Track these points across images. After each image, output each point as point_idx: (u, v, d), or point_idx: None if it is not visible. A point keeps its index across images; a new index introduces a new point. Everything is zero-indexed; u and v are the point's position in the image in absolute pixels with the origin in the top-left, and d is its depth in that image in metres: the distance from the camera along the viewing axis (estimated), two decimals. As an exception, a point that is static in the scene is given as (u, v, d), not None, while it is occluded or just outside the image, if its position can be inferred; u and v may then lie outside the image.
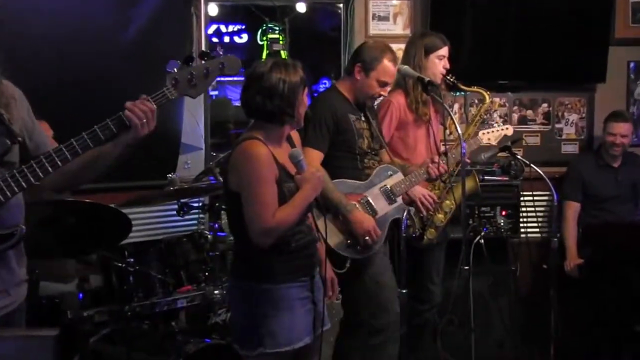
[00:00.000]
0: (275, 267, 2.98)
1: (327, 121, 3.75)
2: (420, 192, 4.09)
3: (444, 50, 4.24)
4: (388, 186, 3.89)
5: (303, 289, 3.05)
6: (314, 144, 3.73)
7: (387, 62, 3.82)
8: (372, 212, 3.80)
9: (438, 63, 4.21)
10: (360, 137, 3.86)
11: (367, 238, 3.70)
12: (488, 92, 4.39)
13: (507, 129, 4.35)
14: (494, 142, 4.30)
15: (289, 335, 2.99)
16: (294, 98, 2.96)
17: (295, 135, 3.22)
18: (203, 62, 2.66)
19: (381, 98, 4.07)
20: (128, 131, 2.51)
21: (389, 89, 3.96)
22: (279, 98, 2.92)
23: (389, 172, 3.92)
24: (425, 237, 4.20)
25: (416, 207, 4.08)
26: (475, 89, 4.33)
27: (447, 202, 4.24)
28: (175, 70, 2.63)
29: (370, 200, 3.83)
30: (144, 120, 2.50)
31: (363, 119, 3.94)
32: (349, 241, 3.72)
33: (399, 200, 3.92)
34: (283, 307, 2.98)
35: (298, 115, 3.02)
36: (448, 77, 4.24)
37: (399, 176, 3.94)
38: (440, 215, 4.23)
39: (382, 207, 3.86)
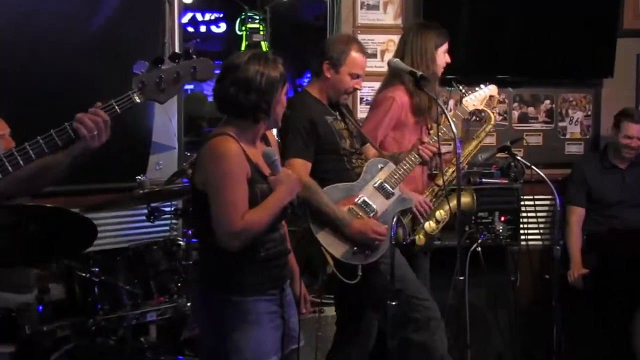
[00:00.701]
0: (243, 277, 2.98)
1: (305, 127, 3.78)
2: (417, 198, 4.12)
3: (447, 44, 4.29)
4: (382, 179, 3.93)
5: (272, 303, 3.05)
6: (298, 154, 3.76)
7: (355, 54, 3.87)
8: (371, 211, 3.84)
9: (443, 57, 4.26)
10: (342, 137, 3.90)
11: (376, 243, 3.78)
12: (494, 112, 4.42)
13: (490, 89, 4.33)
14: (480, 106, 4.29)
15: (256, 351, 2.99)
16: (271, 94, 2.97)
17: (271, 137, 3.23)
18: (174, 64, 2.68)
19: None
20: (79, 141, 2.52)
21: (362, 81, 3.98)
22: (254, 92, 2.93)
23: (379, 165, 3.96)
24: (416, 243, 4.21)
25: (412, 214, 4.11)
26: (482, 107, 4.33)
27: (441, 211, 4.26)
28: (143, 72, 2.63)
29: (367, 200, 3.86)
30: (95, 133, 2.50)
31: (339, 118, 3.98)
32: (355, 248, 3.77)
33: (397, 191, 3.96)
34: (250, 321, 2.97)
35: (274, 113, 3.03)
36: (459, 88, 4.28)
37: (390, 167, 3.98)
38: (432, 224, 4.26)
39: (380, 204, 3.89)
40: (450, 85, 4.41)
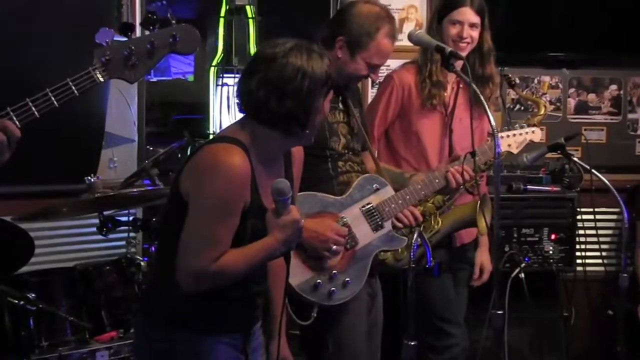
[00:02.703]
0: (200, 312, 2.96)
1: None
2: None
3: (461, 13, 4.25)
4: (373, 205, 3.87)
5: (233, 349, 3.04)
6: None
7: (383, 39, 3.80)
8: (352, 240, 3.80)
9: (450, 29, 4.24)
10: (334, 133, 3.86)
11: (334, 248, 3.67)
12: (545, 103, 4.42)
13: (533, 132, 4.30)
14: (514, 150, 4.29)
15: None
16: (313, 101, 2.89)
17: (297, 154, 3.17)
18: (148, 32, 2.67)
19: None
20: None
21: (379, 71, 3.93)
22: (291, 98, 2.85)
23: (375, 185, 3.90)
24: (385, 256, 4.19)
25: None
26: (529, 95, 4.31)
27: (432, 222, 4.17)
28: (108, 42, 2.62)
29: (349, 223, 3.83)
30: None
31: (341, 107, 3.96)
32: (318, 281, 3.73)
33: (387, 225, 3.90)
34: None
35: (312, 126, 2.95)
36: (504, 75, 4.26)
37: (388, 191, 3.92)
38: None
39: (363, 233, 3.84)
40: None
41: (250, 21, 5.76)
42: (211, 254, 2.80)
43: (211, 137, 5.20)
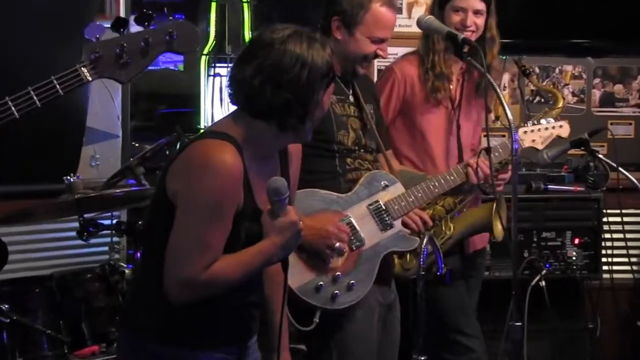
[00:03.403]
0: (190, 323, 2.93)
1: None
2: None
3: None
4: (381, 202, 3.90)
5: None
6: None
7: (378, 9, 3.82)
8: (357, 240, 3.81)
9: (452, 17, 4.23)
10: (342, 126, 3.87)
11: (337, 245, 3.68)
12: (563, 95, 4.41)
13: (561, 127, 4.30)
14: (540, 146, 4.30)
15: None
16: (312, 93, 2.87)
17: (295, 152, 3.15)
18: (142, 28, 2.69)
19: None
20: None
21: (386, 47, 3.93)
22: (289, 88, 2.83)
23: (383, 182, 3.91)
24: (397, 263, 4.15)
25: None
26: (545, 85, 4.31)
27: (443, 228, 4.20)
28: (98, 38, 2.63)
29: (354, 223, 3.84)
30: None
31: (351, 100, 3.97)
32: (320, 283, 3.74)
33: (397, 224, 3.92)
34: None
35: (311, 121, 2.94)
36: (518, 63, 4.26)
37: (398, 189, 3.94)
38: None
39: (370, 233, 3.85)
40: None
41: (245, 5, 5.75)
42: (202, 261, 2.78)
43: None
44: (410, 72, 4.27)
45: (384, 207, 3.89)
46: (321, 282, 3.72)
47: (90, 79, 2.63)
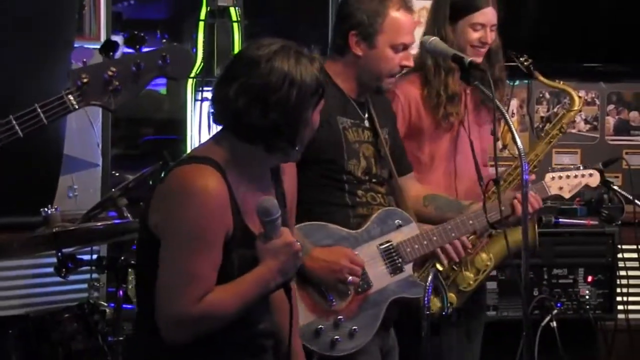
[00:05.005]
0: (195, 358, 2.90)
1: None
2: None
3: (484, 15, 4.23)
4: (393, 243, 3.87)
5: None
6: None
7: (395, 13, 3.81)
8: (364, 282, 3.79)
9: (470, 34, 4.23)
10: (354, 155, 3.84)
11: (350, 279, 3.67)
12: (578, 94, 4.39)
13: (591, 175, 4.32)
14: (567, 194, 4.31)
15: None
16: (300, 113, 2.87)
17: (288, 169, 3.15)
18: (133, 52, 2.68)
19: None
20: None
21: (410, 55, 3.91)
22: (276, 109, 2.82)
23: (397, 221, 3.90)
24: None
25: (435, 256, 4.03)
26: (560, 84, 4.35)
27: (483, 255, 4.21)
28: (85, 62, 2.62)
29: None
30: None
31: (366, 124, 3.93)
32: (320, 326, 3.70)
33: (408, 269, 3.89)
34: None
35: (300, 142, 2.93)
36: (521, 60, 4.23)
37: (413, 229, 3.91)
38: (469, 274, 4.20)
39: (378, 276, 3.83)
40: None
41: (235, 25, 5.70)
42: (191, 294, 2.76)
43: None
44: (414, 94, 4.25)
45: (395, 249, 3.87)
46: (321, 326, 3.70)
47: (77, 107, 2.63)
